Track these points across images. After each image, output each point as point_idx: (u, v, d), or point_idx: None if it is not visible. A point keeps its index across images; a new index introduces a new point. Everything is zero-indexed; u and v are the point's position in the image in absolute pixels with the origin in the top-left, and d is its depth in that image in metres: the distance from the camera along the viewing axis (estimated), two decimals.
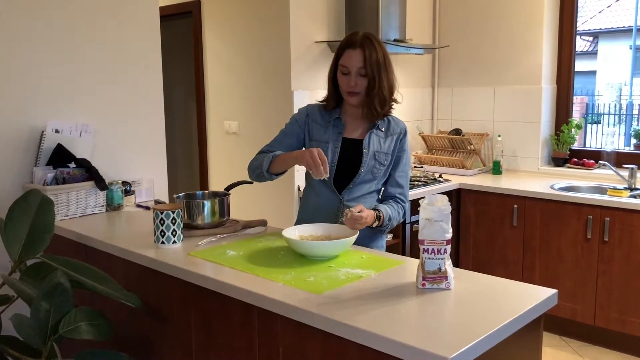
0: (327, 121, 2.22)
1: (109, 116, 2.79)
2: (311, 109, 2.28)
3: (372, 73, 2.08)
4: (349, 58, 2.09)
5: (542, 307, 1.53)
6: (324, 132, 2.21)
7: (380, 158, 2.18)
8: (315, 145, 2.20)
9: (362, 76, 2.09)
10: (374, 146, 2.18)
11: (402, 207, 2.22)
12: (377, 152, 2.17)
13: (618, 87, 10.22)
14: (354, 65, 2.08)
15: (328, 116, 2.23)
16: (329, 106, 2.22)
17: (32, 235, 1.80)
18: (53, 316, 1.63)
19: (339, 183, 2.18)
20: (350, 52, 2.09)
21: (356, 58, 2.07)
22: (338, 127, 2.21)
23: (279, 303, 1.53)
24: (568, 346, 3.49)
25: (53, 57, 2.57)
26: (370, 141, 2.18)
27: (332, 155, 2.17)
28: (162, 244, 2.01)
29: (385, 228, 2.17)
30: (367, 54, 2.06)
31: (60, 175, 2.46)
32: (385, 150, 2.19)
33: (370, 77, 2.08)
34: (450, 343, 1.27)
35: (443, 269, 1.58)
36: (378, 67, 2.08)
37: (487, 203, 3.76)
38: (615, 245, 3.28)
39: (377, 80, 2.08)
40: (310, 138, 2.24)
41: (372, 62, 2.07)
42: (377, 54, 2.08)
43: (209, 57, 4.17)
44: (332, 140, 2.19)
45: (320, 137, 2.21)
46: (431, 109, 4.65)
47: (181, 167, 5.11)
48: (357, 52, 2.07)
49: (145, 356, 2.06)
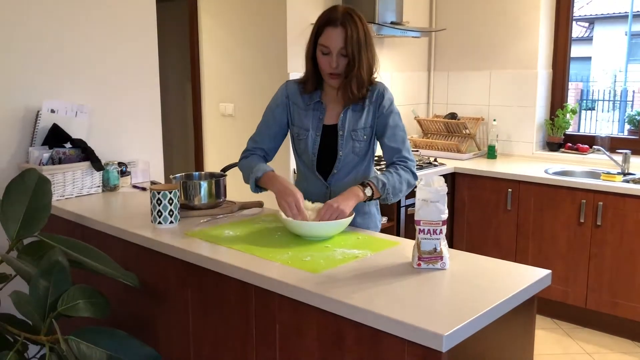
0: (307, 104, 2.12)
1: (104, 97, 2.78)
2: (291, 89, 2.16)
3: (353, 53, 1.95)
4: (329, 37, 1.95)
5: (536, 287, 1.55)
6: (304, 116, 2.13)
7: (358, 136, 2.09)
8: (296, 131, 2.13)
9: (344, 56, 1.97)
10: (349, 126, 2.08)
11: (403, 167, 2.07)
12: (354, 131, 2.08)
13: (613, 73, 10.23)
14: (335, 46, 1.95)
15: (308, 98, 2.13)
16: (308, 88, 2.10)
17: (29, 214, 1.80)
18: (51, 293, 1.64)
19: (324, 169, 2.14)
20: (331, 31, 1.95)
21: (337, 37, 1.94)
22: (319, 111, 2.11)
23: (276, 282, 1.55)
24: (559, 328, 3.54)
25: (49, 37, 2.55)
26: (346, 121, 2.08)
27: (313, 144, 2.11)
28: (159, 224, 2.01)
29: (387, 196, 2.01)
30: (349, 33, 1.93)
31: (56, 156, 2.46)
32: (363, 125, 2.08)
33: (350, 57, 1.96)
34: (446, 321, 1.29)
35: (439, 249, 1.60)
36: (359, 46, 1.95)
37: (482, 187, 3.78)
38: (607, 229, 3.31)
39: (356, 61, 1.96)
40: (292, 122, 2.15)
41: (353, 41, 1.93)
42: (358, 32, 1.94)
43: (204, 39, 4.14)
44: (312, 128, 2.11)
45: (301, 123, 2.13)
46: (427, 93, 4.65)
47: (177, 149, 5.10)
48: (339, 31, 1.94)
49: (143, 334, 2.07)
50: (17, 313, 1.83)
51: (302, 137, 2.14)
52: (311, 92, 2.12)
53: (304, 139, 2.14)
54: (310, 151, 2.13)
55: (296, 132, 2.16)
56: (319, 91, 2.13)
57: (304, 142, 2.14)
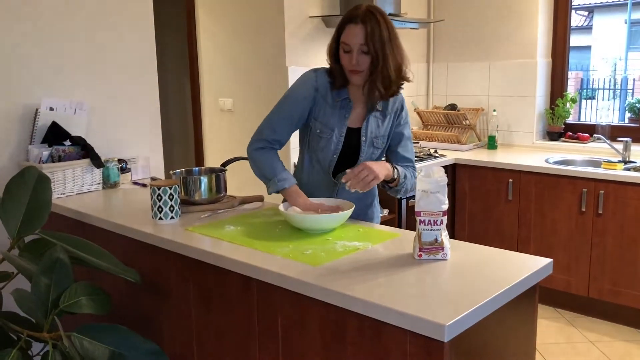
0: (336, 101, 2.08)
1: (103, 94, 2.78)
2: (321, 83, 2.09)
3: (375, 50, 1.93)
4: (349, 34, 1.95)
5: (538, 275, 1.55)
6: (330, 115, 2.09)
7: (378, 143, 2.12)
8: (319, 127, 2.09)
9: (365, 53, 1.94)
10: (372, 133, 2.10)
11: (413, 174, 2.15)
12: (375, 138, 2.11)
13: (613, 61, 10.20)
14: (355, 43, 1.93)
15: (337, 95, 2.09)
16: (337, 85, 2.06)
17: (30, 211, 1.80)
18: (53, 291, 1.64)
19: (337, 169, 2.14)
20: (351, 28, 1.94)
21: (357, 34, 1.92)
22: (345, 110, 2.09)
23: (278, 275, 1.55)
24: (562, 317, 3.54)
25: (46, 34, 2.55)
26: (369, 127, 2.09)
27: (336, 145, 2.10)
28: (159, 219, 2.01)
29: (400, 187, 2.08)
30: (369, 30, 1.91)
31: (55, 153, 2.46)
32: (383, 132, 2.12)
33: (373, 54, 1.93)
34: (447, 311, 1.29)
35: (440, 240, 1.60)
36: (382, 43, 1.93)
37: (483, 178, 3.78)
38: (609, 217, 3.31)
39: (380, 58, 1.93)
40: (315, 117, 2.10)
41: (374, 38, 1.92)
42: (380, 29, 1.92)
43: (202, 34, 4.13)
44: (337, 127, 2.09)
45: (326, 121, 2.09)
46: (426, 84, 4.64)
47: (176, 145, 5.10)
48: (359, 28, 1.92)
49: (145, 330, 2.08)
50: (20, 311, 1.84)
51: (325, 135, 2.10)
52: (340, 89, 2.09)
53: (326, 137, 2.10)
54: (332, 151, 2.11)
55: (318, 129, 2.10)
56: (346, 89, 2.10)
57: (325, 141, 2.10)
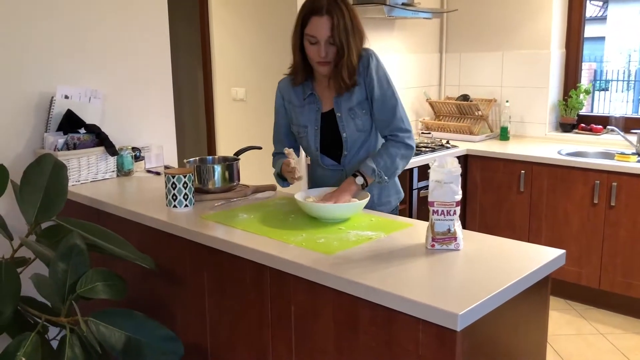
0: (303, 99, 2.12)
1: (117, 82, 2.80)
2: (284, 89, 2.16)
3: (341, 41, 1.92)
4: (315, 26, 1.93)
5: (550, 267, 1.56)
6: (300, 114, 2.12)
7: (356, 113, 2.07)
8: (296, 130, 2.17)
9: (332, 44, 1.95)
10: (345, 106, 2.06)
11: (393, 142, 2.06)
12: (350, 110, 2.07)
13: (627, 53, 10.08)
14: (322, 35, 1.92)
15: (302, 92, 2.12)
16: (299, 80, 2.08)
17: (46, 198, 1.83)
18: (70, 276, 1.66)
19: (334, 154, 2.16)
20: (317, 20, 1.92)
21: (323, 26, 1.91)
22: (315, 104, 2.11)
23: (291, 263, 1.56)
24: (572, 309, 3.54)
25: (61, 23, 2.56)
26: (341, 103, 2.07)
27: (314, 137, 2.13)
28: (174, 207, 2.04)
29: (381, 178, 2.03)
30: (335, 22, 1.90)
31: (70, 141, 2.48)
32: (357, 100, 2.05)
33: (338, 45, 1.93)
34: (460, 300, 1.29)
35: (452, 230, 1.60)
36: (346, 34, 1.92)
37: (494, 169, 3.77)
38: (621, 210, 3.29)
39: (345, 49, 1.93)
40: (292, 122, 2.17)
41: (340, 29, 1.91)
42: (344, 19, 1.92)
43: (215, 23, 4.14)
44: (310, 123, 2.12)
45: (299, 121, 2.13)
46: (439, 74, 4.62)
47: (189, 134, 5.12)
48: (324, 20, 1.91)
49: (159, 316, 2.10)
50: (37, 296, 1.87)
51: (302, 134, 2.16)
52: (302, 84, 2.10)
53: (304, 136, 2.15)
54: (312, 146, 2.14)
55: (296, 131, 2.18)
56: (310, 82, 2.11)
57: (305, 140, 2.17)
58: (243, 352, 1.82)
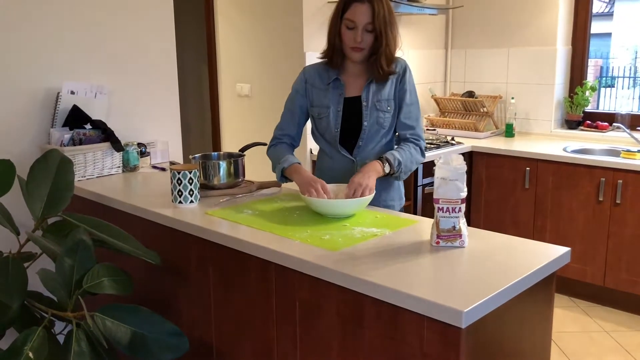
0: (327, 83, 2.16)
1: (123, 78, 2.80)
2: (309, 73, 2.21)
3: (380, 29, 2.01)
4: (355, 12, 2.01)
5: (555, 264, 1.56)
6: (324, 96, 2.16)
7: (382, 106, 2.12)
8: (317, 111, 2.17)
9: (369, 32, 2.02)
10: (373, 97, 2.12)
11: (415, 145, 2.15)
12: (378, 102, 2.11)
13: (634, 49, 10.02)
14: (361, 20, 2.00)
15: (327, 77, 2.16)
16: (335, 63, 2.12)
17: (53, 193, 1.84)
18: (77, 271, 1.67)
19: (348, 143, 2.17)
20: (358, 6, 2.01)
21: (364, 12, 2.00)
22: (338, 89, 2.15)
23: (296, 259, 1.57)
24: (577, 307, 3.54)
25: (68, 19, 2.57)
26: (370, 92, 2.12)
27: (335, 119, 2.15)
28: (179, 203, 2.04)
29: (398, 173, 2.09)
30: (376, 9, 1.99)
31: (76, 137, 2.49)
32: (387, 96, 2.12)
33: (377, 33, 2.02)
34: (465, 297, 1.30)
35: (457, 227, 1.60)
36: (385, 22, 2.01)
37: (500, 166, 3.76)
38: (627, 207, 3.28)
39: (384, 37, 2.02)
40: (312, 104, 2.20)
41: (379, 17, 2.00)
42: (384, 8, 2.01)
43: (220, 19, 4.13)
44: (333, 104, 2.15)
45: (321, 102, 2.16)
46: (444, 71, 4.61)
47: (194, 129, 5.13)
48: (366, 7, 2.00)
49: (165, 312, 2.11)
50: (44, 291, 1.88)
51: (324, 115, 2.16)
52: (329, 70, 2.15)
53: (325, 116, 2.16)
54: (332, 126, 2.15)
55: (317, 112, 2.19)
56: (337, 69, 2.16)
57: (325, 120, 2.17)
58: (248, 347, 1.82)
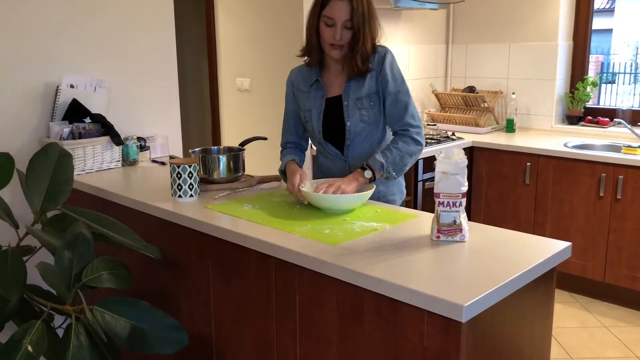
0: (309, 85, 2.14)
1: (123, 72, 2.79)
2: (294, 76, 2.21)
3: (358, 26, 1.97)
4: (334, 9, 1.97)
5: (556, 259, 1.55)
6: (307, 99, 2.15)
7: (364, 104, 2.07)
8: (303, 115, 2.18)
9: (347, 29, 1.98)
10: (353, 94, 2.08)
11: (404, 137, 2.06)
12: (358, 100, 2.07)
13: (635, 45, 10.00)
14: (340, 17, 1.96)
15: (309, 79, 2.14)
16: (313, 61, 2.10)
17: (52, 187, 1.83)
18: (76, 265, 1.67)
19: (338, 143, 2.16)
20: (336, 3, 1.96)
21: (343, 9, 1.95)
22: (320, 90, 2.13)
23: (296, 254, 1.56)
24: (577, 302, 3.54)
25: (68, 13, 2.56)
26: (350, 91, 2.08)
27: (317, 121, 2.13)
28: (179, 197, 2.04)
29: (389, 174, 2.02)
30: (355, 5, 1.95)
31: (76, 130, 2.48)
32: (367, 92, 2.06)
33: (355, 30, 1.98)
34: (465, 292, 1.29)
35: (458, 222, 1.60)
36: (363, 19, 1.97)
37: (500, 161, 3.76)
38: (627, 203, 3.28)
39: (361, 34, 1.97)
40: (300, 108, 2.20)
41: (358, 13, 1.95)
42: (363, 4, 1.97)
43: (220, 13, 4.12)
44: (314, 107, 2.13)
45: (305, 105, 2.16)
46: (445, 66, 4.60)
47: (194, 124, 5.12)
48: (344, 3, 1.95)
49: (164, 306, 2.11)
50: (43, 285, 1.88)
51: (307, 118, 2.17)
52: (312, 70, 2.13)
53: (309, 120, 2.16)
54: (316, 130, 2.15)
55: (303, 116, 2.20)
56: (317, 69, 2.14)
57: (309, 124, 2.17)
58: (247, 341, 1.82)
